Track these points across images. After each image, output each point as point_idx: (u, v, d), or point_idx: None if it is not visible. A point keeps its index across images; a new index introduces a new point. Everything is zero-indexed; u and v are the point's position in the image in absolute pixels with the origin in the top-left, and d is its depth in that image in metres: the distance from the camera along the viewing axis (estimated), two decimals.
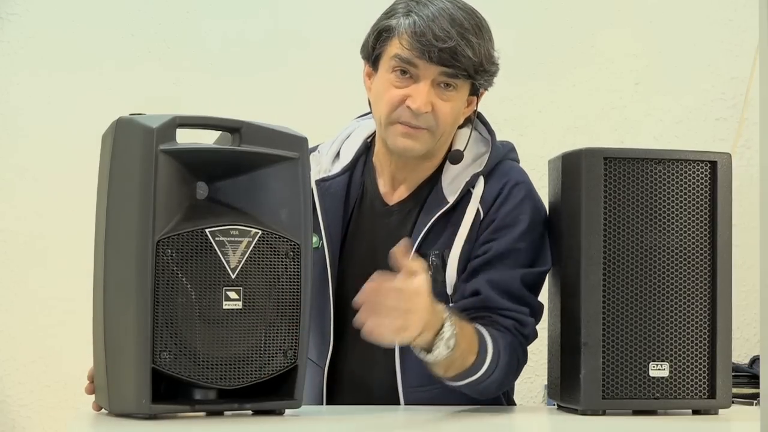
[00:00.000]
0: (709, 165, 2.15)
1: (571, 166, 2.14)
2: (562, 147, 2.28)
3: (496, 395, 2.28)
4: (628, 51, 3.71)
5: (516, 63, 3.62)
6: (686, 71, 3.71)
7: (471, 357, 2.11)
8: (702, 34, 3.72)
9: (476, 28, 2.21)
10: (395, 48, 2.22)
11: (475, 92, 2.29)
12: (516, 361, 2.21)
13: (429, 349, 2.05)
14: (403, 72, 2.22)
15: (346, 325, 2.25)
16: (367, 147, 2.39)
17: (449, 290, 2.24)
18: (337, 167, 2.37)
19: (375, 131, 2.37)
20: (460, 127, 2.33)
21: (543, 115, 3.68)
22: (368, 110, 2.37)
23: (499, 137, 2.35)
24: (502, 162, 2.31)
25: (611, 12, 3.72)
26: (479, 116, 2.36)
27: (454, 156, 2.29)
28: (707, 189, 2.15)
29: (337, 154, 2.40)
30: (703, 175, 2.15)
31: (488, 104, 2.39)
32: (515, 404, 2.45)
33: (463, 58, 2.18)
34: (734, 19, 3.71)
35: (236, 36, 3.64)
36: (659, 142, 3.66)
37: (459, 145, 2.31)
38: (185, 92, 3.59)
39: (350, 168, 2.36)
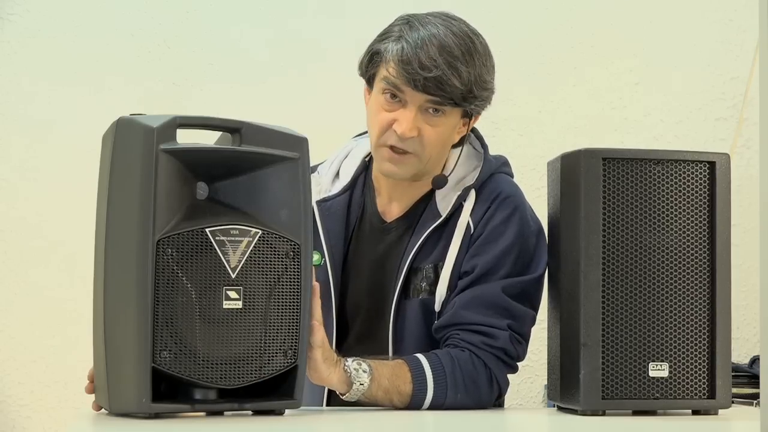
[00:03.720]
0: (707, 165, 2.15)
1: (570, 167, 2.14)
2: (562, 147, 2.28)
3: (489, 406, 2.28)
4: (628, 51, 3.71)
5: (516, 63, 3.62)
6: (686, 71, 3.71)
7: (406, 386, 2.14)
8: (702, 34, 3.72)
9: (467, 54, 2.21)
10: (384, 72, 2.24)
11: (468, 115, 2.31)
12: (483, 374, 2.21)
13: (349, 384, 2.08)
14: (393, 96, 2.24)
15: (348, 338, 2.35)
16: (366, 166, 2.43)
17: (437, 307, 2.27)
18: (337, 187, 2.41)
19: None
20: (456, 145, 2.35)
21: (543, 115, 3.67)
22: (365, 128, 2.39)
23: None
24: (493, 175, 2.34)
25: (611, 12, 3.72)
26: (473, 131, 2.39)
27: (437, 181, 2.31)
28: (706, 189, 2.15)
29: (337, 174, 2.44)
30: (702, 176, 2.15)
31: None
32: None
33: (449, 86, 2.20)
34: (734, 19, 3.71)
35: (236, 36, 3.64)
36: (659, 142, 3.66)
37: (451, 164, 2.34)
38: (185, 92, 3.59)
39: (350, 187, 2.40)
